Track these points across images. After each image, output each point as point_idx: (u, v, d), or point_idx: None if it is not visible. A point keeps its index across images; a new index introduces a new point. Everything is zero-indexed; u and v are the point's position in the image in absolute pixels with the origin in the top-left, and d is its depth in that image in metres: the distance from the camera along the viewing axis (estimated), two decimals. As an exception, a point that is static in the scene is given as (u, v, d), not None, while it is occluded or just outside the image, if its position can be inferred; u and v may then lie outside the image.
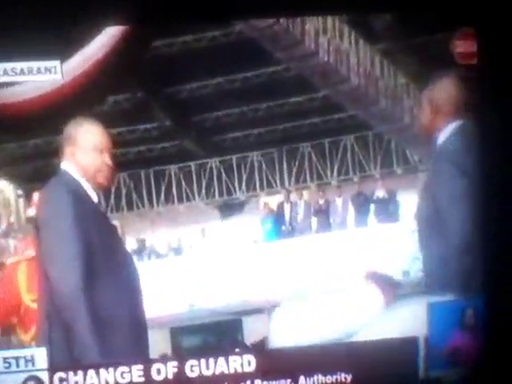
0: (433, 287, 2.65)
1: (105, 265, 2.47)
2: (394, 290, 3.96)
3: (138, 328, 2.52)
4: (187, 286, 9.07)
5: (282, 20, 7.04)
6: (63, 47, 2.86)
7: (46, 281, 2.44)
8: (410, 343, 2.59)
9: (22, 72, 2.67)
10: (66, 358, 2.40)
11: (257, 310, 4.89)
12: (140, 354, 2.53)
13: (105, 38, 3.75)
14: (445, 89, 2.80)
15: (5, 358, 2.42)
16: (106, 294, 2.45)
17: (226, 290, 8.86)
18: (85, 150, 2.52)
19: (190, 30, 8.44)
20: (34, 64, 2.67)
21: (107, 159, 2.55)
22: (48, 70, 2.68)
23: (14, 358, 2.40)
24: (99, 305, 2.43)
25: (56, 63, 2.70)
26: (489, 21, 2.71)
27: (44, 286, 2.45)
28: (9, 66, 2.65)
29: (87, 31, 3.08)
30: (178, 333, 10.33)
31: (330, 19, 7.22)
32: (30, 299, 2.96)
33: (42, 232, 2.47)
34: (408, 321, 2.70)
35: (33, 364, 2.40)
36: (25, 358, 2.40)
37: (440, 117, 2.76)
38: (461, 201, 2.62)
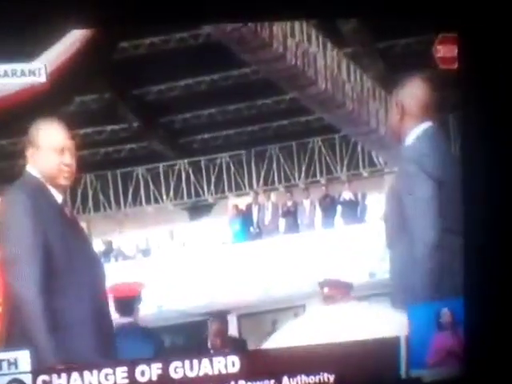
0: (399, 288, 2.68)
1: (67, 267, 2.47)
2: (347, 290, 4.04)
3: (103, 329, 2.54)
4: (155, 287, 9.07)
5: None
6: (29, 48, 2.89)
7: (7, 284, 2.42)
8: (391, 343, 2.64)
9: (5, 74, 2.70)
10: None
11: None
12: (106, 355, 2.52)
13: (71, 39, 3.83)
14: (411, 91, 2.85)
15: (-13, 361, 2.19)
16: (67, 295, 2.47)
17: (195, 291, 8.89)
18: (43, 150, 2.52)
19: (157, 32, 8.44)
20: (18, 66, 2.69)
21: (67, 159, 2.55)
22: (32, 72, 2.72)
23: (-4, 360, 2.15)
24: (59, 307, 2.45)
25: (40, 65, 2.74)
26: (470, 26, 2.78)
27: (6, 289, 2.44)
28: None
29: (53, 33, 3.05)
30: (145, 334, 10.31)
31: (297, 22, 7.29)
32: None
33: (1, 235, 2.40)
34: (388, 321, 2.75)
35: (16, 367, 2.46)
36: (8, 360, 2.46)
37: (407, 119, 2.86)
38: (426, 203, 2.67)
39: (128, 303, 4.24)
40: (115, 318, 3.97)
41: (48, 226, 2.48)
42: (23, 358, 2.51)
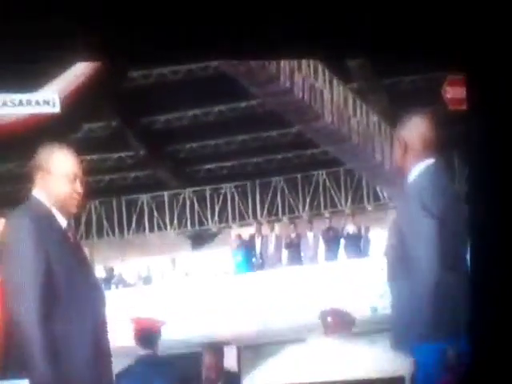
0: (400, 325, 2.64)
1: (68, 293, 2.43)
2: (350, 323, 3.97)
3: (101, 357, 2.48)
4: (155, 316, 8.92)
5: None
6: (39, 78, 2.90)
7: (6, 305, 2.43)
8: (396, 383, 2.58)
9: (20, 103, 2.68)
10: None
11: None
12: (101, 382, 2.46)
13: (80, 68, 3.87)
14: (414, 128, 2.78)
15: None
16: (67, 322, 2.40)
17: (194, 321, 8.79)
18: (56, 177, 2.50)
19: (166, 63, 8.53)
20: (33, 96, 2.68)
21: (78, 187, 2.53)
22: (46, 102, 2.70)
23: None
24: (59, 333, 2.38)
25: (54, 96, 2.71)
26: (479, 67, 2.79)
27: (5, 314, 2.43)
28: (8, 97, 2.66)
29: (62, 64, 3.10)
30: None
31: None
32: None
33: (3, 259, 2.46)
34: (392, 359, 2.69)
35: None
36: None
37: (409, 156, 2.71)
38: (427, 240, 2.61)
39: (150, 337, 4.23)
40: (136, 349, 4.20)
41: (51, 250, 2.45)
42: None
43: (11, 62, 2.60)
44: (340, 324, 3.93)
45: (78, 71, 3.92)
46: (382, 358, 2.63)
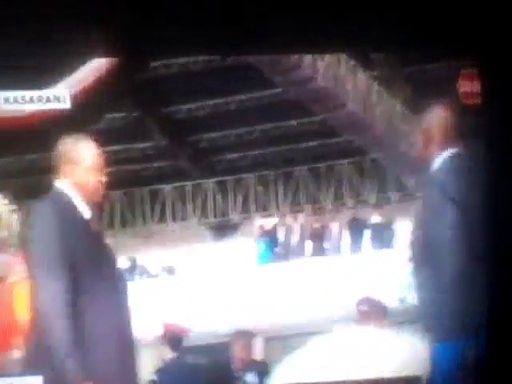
0: (425, 318, 2.62)
1: (92, 283, 2.43)
2: (383, 315, 3.91)
3: (125, 348, 2.47)
4: (177, 307, 8.93)
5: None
6: (54, 74, 2.97)
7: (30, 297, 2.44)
8: (413, 383, 2.53)
9: (31, 100, 2.69)
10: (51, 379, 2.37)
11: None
12: (127, 374, 2.46)
13: (98, 62, 3.92)
14: (438, 117, 2.69)
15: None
16: (91, 312, 2.41)
17: (218, 312, 8.76)
18: (84, 168, 2.51)
19: (187, 53, 8.41)
20: (44, 93, 2.69)
21: (104, 177, 2.55)
22: (57, 98, 2.70)
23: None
24: (84, 323, 2.38)
25: (65, 92, 2.72)
26: (493, 60, 2.74)
27: (31, 305, 2.44)
28: (19, 94, 2.68)
29: (79, 60, 3.06)
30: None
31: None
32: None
33: (27, 250, 2.48)
34: (412, 357, 2.65)
35: None
36: None
37: (433, 145, 2.65)
38: (452, 230, 2.53)
39: (179, 340, 4.57)
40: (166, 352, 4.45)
41: (75, 241, 2.46)
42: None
43: (26, 60, 2.64)
44: (374, 313, 3.92)
45: (97, 63, 3.89)
46: (402, 353, 2.60)
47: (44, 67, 2.76)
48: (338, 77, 7.80)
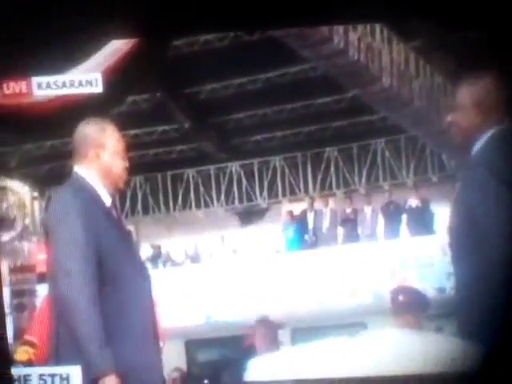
0: (464, 311, 2.31)
1: (114, 271, 2.40)
2: (423, 307, 3.54)
3: (149, 337, 2.44)
4: (204, 296, 8.76)
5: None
6: (77, 54, 3.04)
7: (54, 287, 2.40)
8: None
9: (64, 85, 2.79)
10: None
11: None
12: (152, 364, 2.44)
13: (120, 42, 3.83)
14: (484, 90, 2.47)
15: (40, 375, 2.42)
16: (114, 301, 2.39)
17: (245, 301, 8.51)
18: (111, 153, 2.52)
19: (210, 31, 7.98)
20: (76, 77, 2.80)
21: (127, 163, 2.55)
22: (89, 82, 2.79)
23: (50, 375, 2.41)
24: (107, 312, 2.36)
25: (97, 76, 2.80)
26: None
27: (55, 294, 2.41)
28: (52, 79, 2.77)
29: (101, 40, 3.12)
30: (193, 346, 9.97)
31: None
32: None
33: (50, 237, 2.46)
34: (451, 356, 2.33)
35: (67, 382, 2.38)
36: (60, 376, 2.39)
37: (479, 121, 2.46)
38: (500, 212, 2.35)
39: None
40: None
41: (97, 227, 2.44)
42: (75, 374, 2.35)
43: (50, 42, 2.68)
44: (413, 304, 3.59)
45: (119, 44, 3.98)
46: (439, 354, 2.31)
47: (67, 50, 2.81)
48: (372, 48, 7.42)
